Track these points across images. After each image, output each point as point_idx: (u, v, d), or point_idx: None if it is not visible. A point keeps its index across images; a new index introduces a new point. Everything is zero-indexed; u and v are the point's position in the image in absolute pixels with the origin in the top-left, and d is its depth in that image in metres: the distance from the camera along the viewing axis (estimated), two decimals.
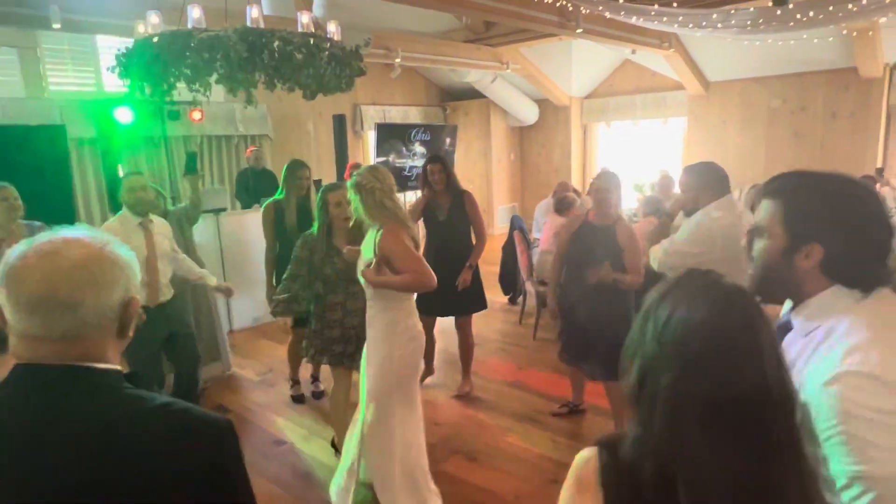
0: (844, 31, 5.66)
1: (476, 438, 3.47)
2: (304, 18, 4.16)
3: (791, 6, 3.86)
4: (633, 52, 7.90)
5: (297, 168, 3.98)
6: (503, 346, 5.09)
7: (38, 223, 3.48)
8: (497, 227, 10.41)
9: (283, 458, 3.36)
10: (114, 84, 6.85)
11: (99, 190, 6.71)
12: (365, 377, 2.60)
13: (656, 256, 2.64)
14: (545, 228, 5.31)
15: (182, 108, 6.94)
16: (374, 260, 2.47)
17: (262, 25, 3.98)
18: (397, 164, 8.86)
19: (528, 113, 10.51)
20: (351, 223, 3.01)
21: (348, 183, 2.62)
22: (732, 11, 4.35)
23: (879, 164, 7.62)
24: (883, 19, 5.21)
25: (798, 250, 1.10)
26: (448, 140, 9.59)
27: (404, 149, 9.04)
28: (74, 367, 0.87)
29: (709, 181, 2.63)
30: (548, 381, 4.26)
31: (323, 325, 3.07)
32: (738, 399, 0.81)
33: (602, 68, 9.85)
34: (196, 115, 7.08)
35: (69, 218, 5.32)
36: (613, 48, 8.52)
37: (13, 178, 3.64)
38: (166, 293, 3.31)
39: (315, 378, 4.27)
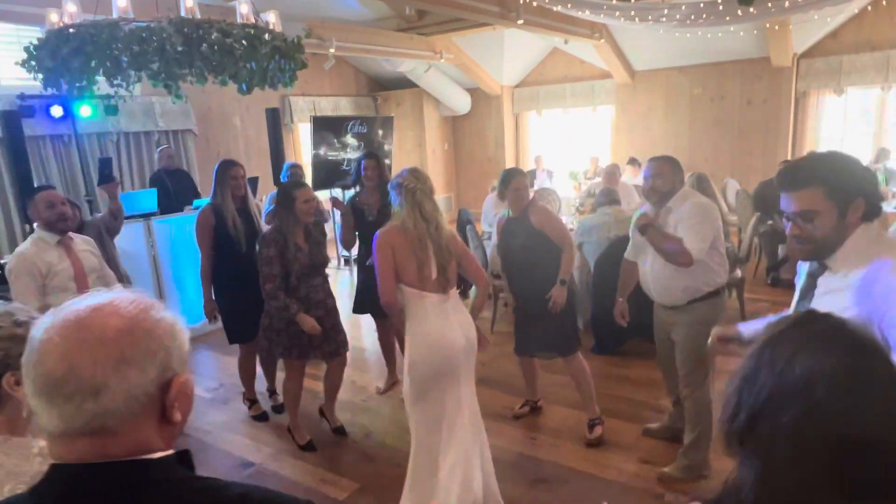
0: (768, 25, 6.00)
1: None
2: (244, 8, 3.88)
3: (751, 9, 4.03)
4: (566, 41, 8.03)
5: (229, 167, 3.67)
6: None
7: None
8: None
9: (254, 481, 3.15)
10: (12, 77, 6.16)
11: (2, 193, 6.03)
12: None
13: (691, 248, 2.65)
14: (494, 222, 5.29)
15: (114, 101, 6.29)
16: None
17: (197, 16, 3.67)
18: (329, 157, 8.57)
19: (461, 102, 10.48)
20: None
21: (391, 184, 2.65)
22: (684, 8, 4.49)
23: (789, 148, 8.21)
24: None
25: (848, 209, 1.44)
26: (381, 132, 9.39)
27: (336, 141, 8.75)
28: (118, 463, 0.71)
29: (678, 166, 2.84)
30: (512, 375, 4.26)
31: (288, 321, 3.19)
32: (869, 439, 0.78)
33: (532, 57, 9.96)
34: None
35: None
36: (543, 37, 8.64)
37: None
38: None
39: (272, 391, 4.05)
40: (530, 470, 3.14)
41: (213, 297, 3.70)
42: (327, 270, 3.53)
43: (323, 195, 6.43)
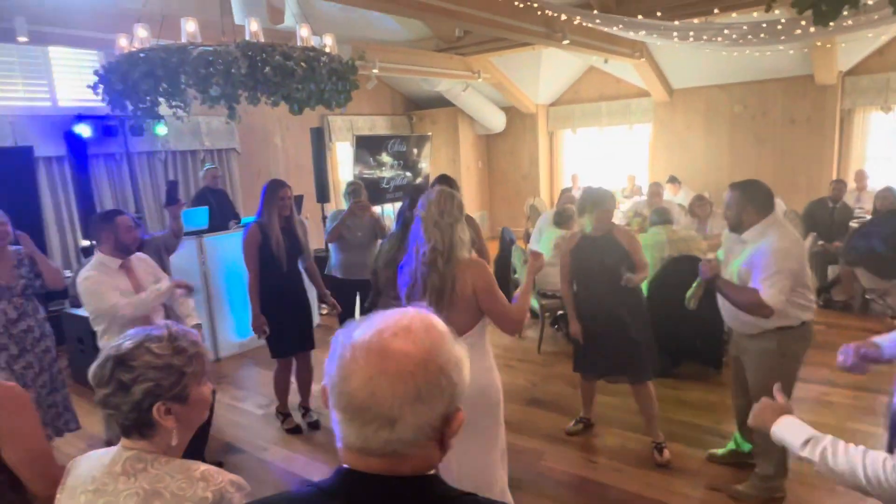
0: (819, 43, 5.93)
1: (514, 465, 3.35)
2: (304, 32, 3.98)
3: (811, 28, 4.00)
4: (606, 61, 8.04)
5: (279, 188, 3.76)
6: (507, 363, 5.01)
7: (21, 248, 3.23)
8: None
9: None
10: (69, 98, 6.39)
11: (60, 209, 6.21)
12: None
13: (769, 298, 2.52)
14: (543, 240, 5.28)
15: (147, 123, 6.52)
16: None
17: (261, 39, 3.77)
18: (365, 175, 8.66)
19: (496, 121, 10.53)
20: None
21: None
22: (745, 27, 4.44)
23: (835, 166, 8.06)
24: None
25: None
26: (416, 150, 9.48)
27: (372, 160, 8.85)
28: (405, 479, 0.79)
29: (753, 196, 2.67)
30: (564, 396, 4.22)
31: None
32: None
33: (568, 76, 9.99)
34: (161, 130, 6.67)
35: (38, 245, 4.88)
36: (581, 56, 8.66)
37: None
38: None
39: (306, 409, 4.06)
40: (595, 496, 3.08)
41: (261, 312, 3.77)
42: None
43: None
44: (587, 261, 3.32)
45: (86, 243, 5.68)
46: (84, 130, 6.03)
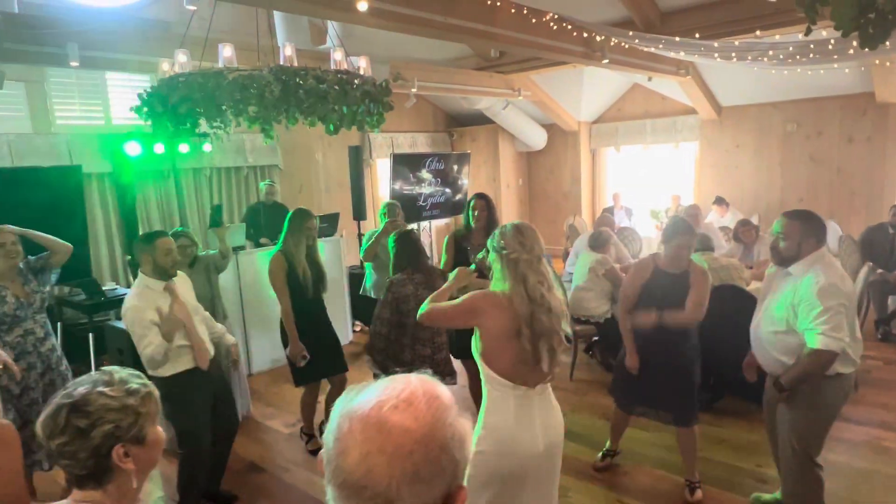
0: (878, 62, 5.62)
1: None
2: (338, 55, 4.01)
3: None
4: (650, 79, 7.85)
5: (307, 218, 3.79)
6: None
7: (22, 265, 3.24)
8: None
9: None
10: (122, 118, 6.67)
11: (109, 224, 6.48)
12: None
13: (828, 341, 2.33)
14: (579, 264, 5.14)
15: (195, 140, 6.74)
16: None
17: (295, 63, 3.83)
18: (405, 192, 8.70)
19: (537, 138, 10.43)
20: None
21: (489, 242, 2.21)
22: (791, 48, 4.25)
23: None
24: None
25: None
26: (455, 167, 9.47)
27: (412, 176, 8.88)
28: None
29: (816, 227, 2.50)
30: (595, 428, 4.06)
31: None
32: None
33: (611, 93, 9.81)
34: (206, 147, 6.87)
35: (84, 258, 5.09)
36: (624, 73, 8.49)
37: (25, 217, 3.46)
38: (211, 350, 3.09)
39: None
40: None
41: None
42: None
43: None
44: (656, 297, 3.11)
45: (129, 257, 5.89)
46: (133, 149, 6.28)
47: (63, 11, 4.45)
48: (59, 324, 5.55)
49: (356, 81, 4.08)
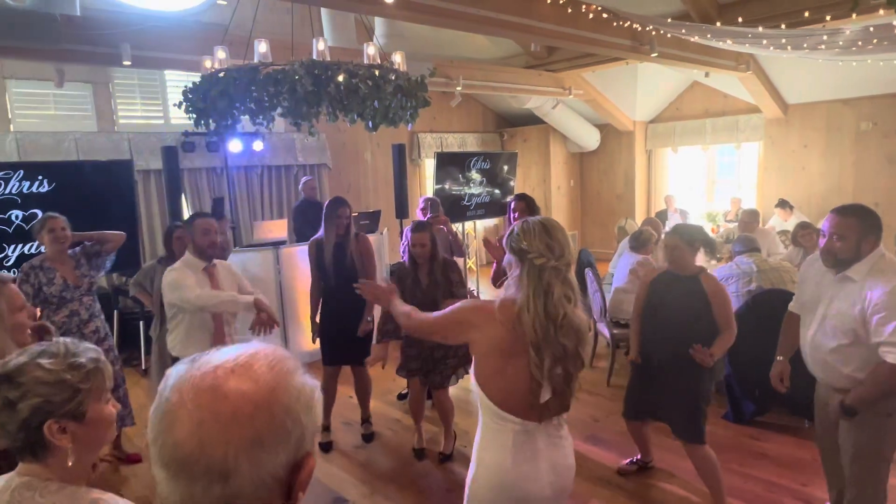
0: None
1: None
2: (370, 50, 4.03)
3: None
4: (707, 75, 7.49)
5: (338, 206, 3.84)
6: (576, 395, 4.71)
7: (78, 249, 3.44)
8: None
9: None
10: (179, 117, 6.98)
11: (163, 218, 6.79)
12: None
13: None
14: (620, 265, 4.94)
15: (244, 139, 6.99)
16: None
17: (327, 58, 3.87)
18: (453, 192, 8.66)
19: (590, 138, 10.16)
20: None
21: (510, 243, 1.83)
22: (847, 32, 3.92)
23: None
24: None
25: None
26: (506, 168, 9.35)
27: (461, 176, 8.84)
28: None
29: (875, 224, 2.23)
30: (626, 436, 3.85)
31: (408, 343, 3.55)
32: None
33: (668, 91, 9.44)
34: (258, 145, 7.12)
35: (134, 249, 5.34)
36: (681, 70, 8.14)
37: (83, 207, 3.66)
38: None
39: (364, 420, 4.09)
40: None
41: (317, 320, 3.93)
42: None
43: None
44: (660, 298, 3.00)
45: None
46: (188, 146, 6.57)
47: (120, 14, 4.69)
48: (115, 311, 5.87)
49: (391, 76, 4.10)
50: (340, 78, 3.81)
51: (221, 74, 3.87)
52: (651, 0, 6.04)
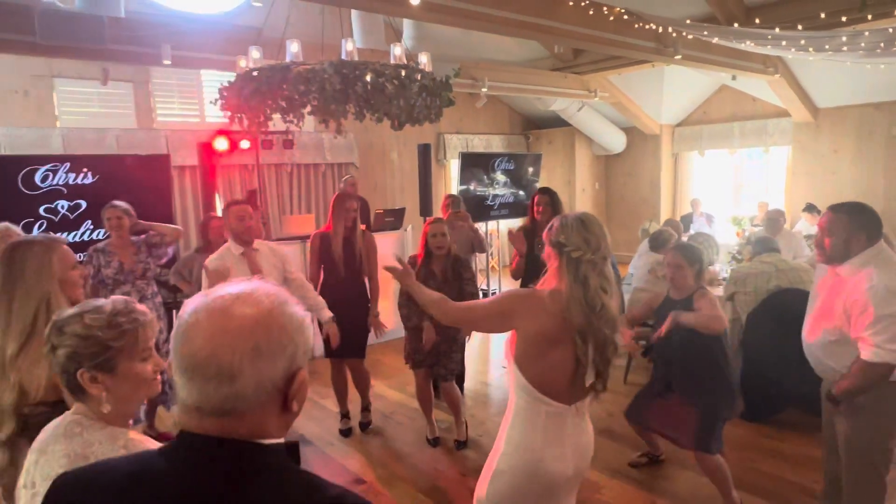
0: None
1: None
2: (397, 51, 4.17)
3: None
4: (734, 78, 7.46)
5: (346, 200, 3.98)
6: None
7: (143, 238, 3.73)
8: None
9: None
10: (215, 115, 7.25)
11: (197, 213, 7.05)
12: None
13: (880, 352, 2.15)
14: (640, 265, 4.99)
15: (275, 137, 7.22)
16: None
17: (356, 58, 4.02)
18: (478, 193, 8.78)
19: (615, 141, 10.17)
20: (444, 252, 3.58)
21: (551, 238, 1.88)
22: (867, 34, 3.92)
23: None
24: None
25: None
26: (531, 169, 9.43)
27: (486, 177, 8.95)
28: (237, 442, 0.78)
29: (867, 221, 2.27)
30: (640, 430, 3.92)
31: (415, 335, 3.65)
32: None
33: (696, 95, 9.40)
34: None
35: None
36: (709, 74, 8.12)
37: (121, 200, 3.89)
38: None
39: (364, 407, 4.20)
40: None
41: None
42: None
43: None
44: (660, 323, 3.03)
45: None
46: (221, 143, 6.82)
47: (160, 16, 4.94)
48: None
49: (416, 76, 4.23)
50: (367, 77, 3.96)
51: (255, 73, 4.07)
52: (678, 2, 6.07)
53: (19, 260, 1.73)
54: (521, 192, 9.28)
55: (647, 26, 4.79)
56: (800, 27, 4.33)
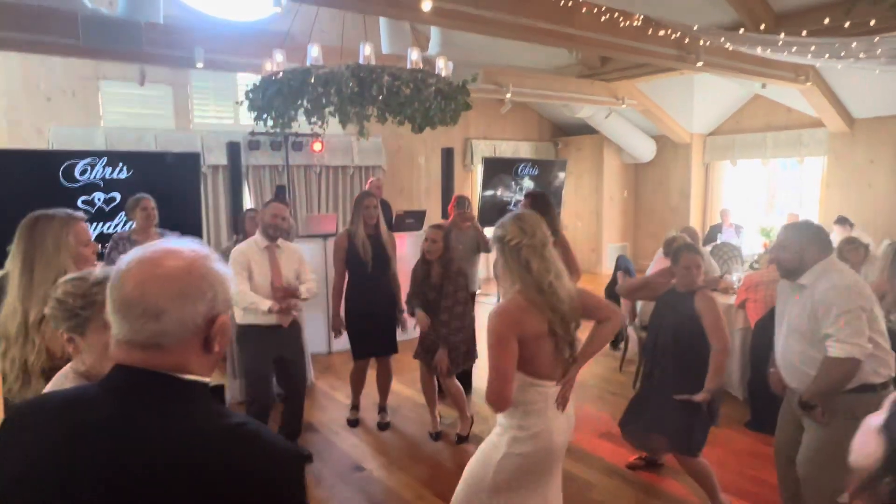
0: None
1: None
2: (414, 55, 4.30)
3: None
4: (763, 86, 7.34)
5: (364, 198, 4.06)
6: (601, 394, 4.80)
7: (166, 230, 3.94)
8: (605, 267, 10.00)
9: (360, 484, 3.36)
10: (247, 118, 7.56)
11: (227, 211, 7.35)
12: None
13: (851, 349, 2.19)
14: (652, 271, 4.98)
15: (304, 139, 7.48)
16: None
17: (373, 62, 4.17)
18: (504, 198, 8.86)
19: (644, 149, 10.09)
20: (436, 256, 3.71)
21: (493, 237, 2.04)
22: (877, 40, 3.86)
23: None
24: None
25: None
26: (561, 175, 9.46)
27: (513, 183, 9.03)
28: (160, 373, 0.90)
29: (815, 237, 2.37)
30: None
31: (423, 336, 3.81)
32: None
33: (728, 104, 9.26)
34: (317, 146, 7.60)
35: (197, 234, 5.86)
36: (741, 82, 8.00)
37: (153, 194, 4.13)
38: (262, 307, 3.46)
39: (381, 409, 4.25)
40: None
41: (343, 315, 4.04)
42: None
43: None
44: (658, 313, 3.09)
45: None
46: (253, 144, 7.11)
47: (195, 21, 5.21)
48: None
49: (431, 80, 4.36)
50: (384, 80, 4.11)
51: (278, 76, 4.27)
52: (706, 10, 6.03)
53: (40, 232, 1.92)
54: None
55: (666, 33, 4.79)
56: (814, 34, 4.25)
